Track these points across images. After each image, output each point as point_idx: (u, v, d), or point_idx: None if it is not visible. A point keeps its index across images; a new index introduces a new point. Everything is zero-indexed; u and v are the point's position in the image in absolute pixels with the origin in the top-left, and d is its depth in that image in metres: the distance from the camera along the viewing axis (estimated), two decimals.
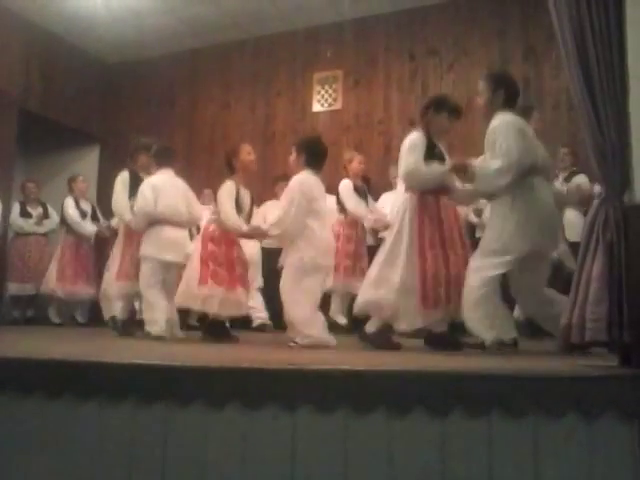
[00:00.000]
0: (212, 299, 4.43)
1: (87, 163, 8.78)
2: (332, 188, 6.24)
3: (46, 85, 8.17)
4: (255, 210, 4.99)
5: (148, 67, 8.78)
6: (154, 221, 4.87)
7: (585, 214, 4.28)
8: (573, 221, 5.49)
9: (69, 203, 7.23)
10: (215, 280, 4.41)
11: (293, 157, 4.23)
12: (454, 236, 3.75)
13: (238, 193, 4.58)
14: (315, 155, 4.18)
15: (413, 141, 3.80)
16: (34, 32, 7.91)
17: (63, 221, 7.27)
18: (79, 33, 8.18)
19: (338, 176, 6.07)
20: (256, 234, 4.52)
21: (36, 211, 7.63)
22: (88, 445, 2.31)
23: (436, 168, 3.72)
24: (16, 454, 2.39)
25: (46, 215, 7.70)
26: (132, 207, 5.14)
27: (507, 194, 3.45)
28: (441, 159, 3.81)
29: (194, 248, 4.76)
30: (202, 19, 7.81)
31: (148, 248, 4.84)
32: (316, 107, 7.93)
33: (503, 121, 3.48)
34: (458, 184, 3.87)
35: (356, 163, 6.08)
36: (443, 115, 3.86)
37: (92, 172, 8.58)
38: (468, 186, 3.82)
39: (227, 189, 4.55)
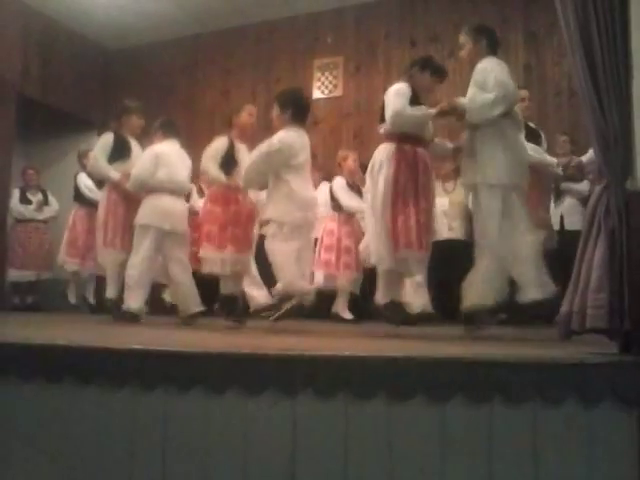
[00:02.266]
0: (205, 260, 4.57)
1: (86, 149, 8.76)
2: (330, 178, 6.26)
3: (45, 71, 8.13)
4: None
5: (148, 53, 8.74)
6: (152, 189, 4.84)
7: (585, 203, 4.34)
8: (572, 210, 5.50)
9: (83, 177, 7.07)
10: (207, 241, 4.54)
11: (276, 112, 4.30)
12: (426, 184, 3.85)
13: (233, 148, 4.62)
14: (302, 109, 4.32)
15: (399, 88, 3.91)
16: (33, 17, 7.85)
17: (77, 197, 7.13)
18: (78, 19, 8.13)
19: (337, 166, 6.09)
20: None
21: (36, 197, 7.64)
22: (88, 430, 2.31)
23: (423, 109, 3.83)
24: (16, 439, 2.40)
25: (46, 202, 7.70)
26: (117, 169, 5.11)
27: (493, 129, 3.62)
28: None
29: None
30: (202, 5, 7.77)
31: (145, 216, 4.81)
32: (316, 94, 7.89)
33: (492, 62, 3.69)
34: (436, 139, 4.06)
35: (350, 161, 6.11)
36: (426, 74, 3.98)
37: None
38: (444, 141, 4.08)
39: (216, 143, 4.68)
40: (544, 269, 3.57)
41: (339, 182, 5.94)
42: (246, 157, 4.62)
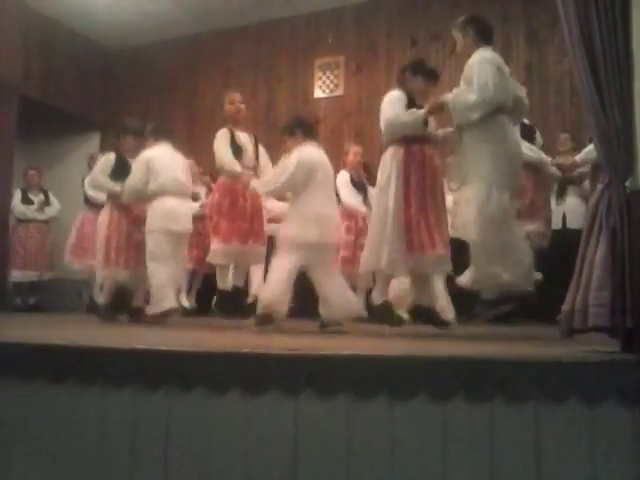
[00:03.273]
0: (232, 254, 4.58)
1: (88, 149, 8.75)
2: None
3: (46, 71, 8.14)
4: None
5: (149, 53, 8.74)
6: (151, 195, 4.91)
7: (586, 201, 4.34)
8: (574, 208, 5.50)
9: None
10: (215, 233, 4.56)
11: (290, 143, 4.31)
12: (433, 184, 3.83)
13: (233, 137, 4.66)
14: (308, 126, 4.36)
15: (393, 96, 3.93)
16: (34, 18, 7.85)
17: (87, 200, 7.14)
18: (79, 18, 8.13)
19: (339, 162, 6.06)
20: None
21: (37, 198, 7.65)
22: (91, 430, 2.31)
23: (414, 112, 3.81)
24: (18, 439, 2.40)
25: (47, 202, 7.71)
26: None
27: (480, 128, 3.54)
28: None
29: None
30: (203, 4, 7.78)
31: (153, 222, 4.88)
32: (317, 93, 7.90)
33: (482, 57, 3.58)
34: (439, 130, 4.00)
35: (351, 155, 6.11)
36: (419, 78, 3.97)
37: None
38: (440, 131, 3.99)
39: (219, 136, 4.69)
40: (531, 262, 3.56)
41: (342, 176, 5.94)
42: (249, 144, 4.76)
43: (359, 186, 6.03)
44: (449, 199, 5.63)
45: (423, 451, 2.07)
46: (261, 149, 4.95)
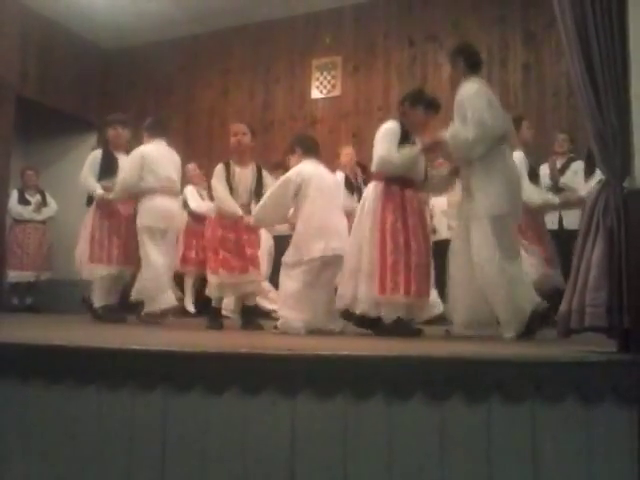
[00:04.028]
0: (225, 286, 4.47)
1: (85, 150, 8.72)
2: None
3: (43, 71, 8.13)
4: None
5: (146, 53, 8.74)
6: (143, 192, 4.91)
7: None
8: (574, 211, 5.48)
9: None
10: (226, 268, 4.41)
11: (292, 161, 4.32)
12: (417, 226, 3.77)
13: (229, 173, 4.54)
14: (307, 143, 4.31)
15: (387, 129, 3.88)
16: (31, 18, 7.85)
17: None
18: (77, 19, 8.13)
19: (336, 162, 6.08)
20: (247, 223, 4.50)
21: (34, 198, 7.64)
22: (88, 430, 2.31)
23: (407, 150, 3.77)
24: (16, 439, 2.40)
25: (44, 202, 7.70)
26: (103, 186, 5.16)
27: (484, 161, 3.52)
28: None
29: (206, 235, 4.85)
30: (201, 5, 7.77)
31: (144, 219, 4.88)
32: (315, 94, 7.90)
33: (471, 90, 3.55)
34: (433, 171, 4.02)
35: (343, 157, 6.21)
36: (419, 109, 3.91)
37: None
38: (440, 170, 3.98)
39: (216, 174, 4.58)
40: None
41: (338, 176, 5.96)
42: (246, 180, 4.60)
43: (352, 187, 6.05)
44: (444, 201, 5.65)
45: (420, 451, 2.07)
46: (267, 179, 4.77)
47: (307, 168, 4.11)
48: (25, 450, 2.38)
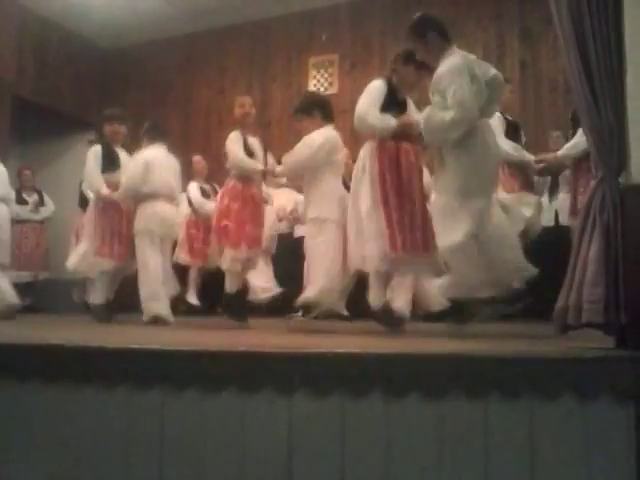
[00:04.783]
0: (238, 262, 4.52)
1: (82, 149, 8.71)
2: None
3: (40, 71, 8.12)
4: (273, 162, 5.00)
5: (143, 52, 8.73)
6: (145, 196, 4.91)
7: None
8: (567, 205, 5.48)
9: None
10: (247, 243, 4.47)
11: (306, 123, 4.31)
12: (413, 183, 3.70)
13: (246, 142, 4.62)
14: (327, 108, 4.37)
15: (372, 87, 3.87)
16: (27, 17, 7.84)
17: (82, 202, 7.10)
18: (73, 18, 8.12)
19: None
20: (269, 174, 4.65)
21: (32, 198, 7.63)
22: (85, 429, 2.31)
23: (386, 120, 3.70)
24: (14, 439, 2.40)
25: (42, 202, 7.69)
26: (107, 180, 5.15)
27: (457, 140, 3.31)
28: (402, 112, 3.79)
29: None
30: (197, 3, 7.77)
31: (142, 223, 4.90)
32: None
33: (451, 66, 3.30)
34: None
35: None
36: (410, 67, 3.85)
37: None
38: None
39: (232, 138, 4.62)
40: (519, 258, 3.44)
41: None
42: (258, 149, 4.73)
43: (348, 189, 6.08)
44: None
45: (417, 448, 2.07)
46: (269, 155, 4.93)
47: (337, 136, 4.22)
48: (22, 449, 2.38)
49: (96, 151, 5.29)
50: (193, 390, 2.23)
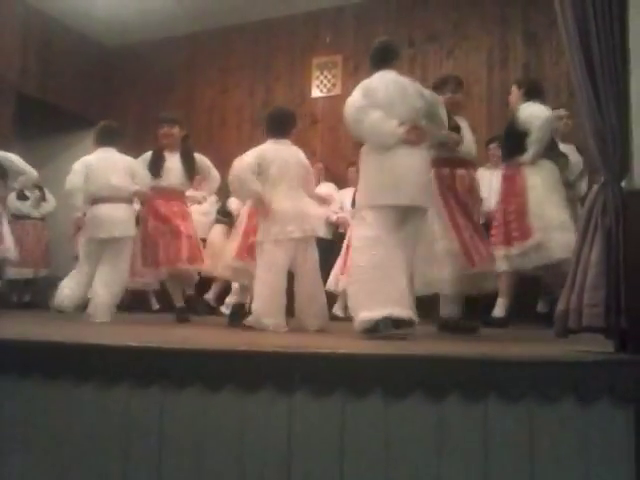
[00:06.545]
0: (244, 272, 4.44)
1: (85, 147, 8.71)
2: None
3: (44, 68, 8.12)
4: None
5: (147, 51, 8.72)
6: (88, 201, 4.91)
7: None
8: None
9: None
10: (252, 255, 4.35)
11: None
12: (468, 205, 3.86)
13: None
14: (273, 121, 4.32)
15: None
16: (32, 15, 7.84)
17: None
18: (77, 16, 8.11)
19: (336, 161, 6.07)
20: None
21: (33, 194, 7.63)
22: (84, 427, 2.31)
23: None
24: (14, 436, 2.40)
25: (43, 198, 7.70)
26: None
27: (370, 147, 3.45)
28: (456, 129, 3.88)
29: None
30: (201, 3, 7.76)
31: (85, 231, 5.01)
32: (315, 92, 7.89)
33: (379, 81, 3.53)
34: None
35: (350, 173, 6.27)
36: (447, 94, 3.96)
37: None
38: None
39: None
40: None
41: (347, 193, 6.08)
42: None
43: None
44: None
45: (417, 449, 2.07)
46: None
47: (267, 150, 4.15)
48: (22, 445, 2.38)
49: (145, 157, 5.21)
50: (193, 388, 2.23)
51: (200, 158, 5.27)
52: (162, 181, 5.03)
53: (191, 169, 5.17)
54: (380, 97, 3.41)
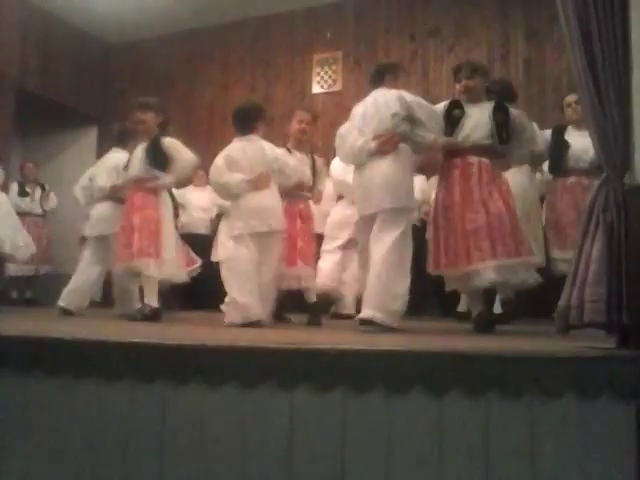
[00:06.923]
0: (301, 278, 4.43)
1: (85, 144, 8.74)
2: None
3: (44, 65, 8.12)
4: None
5: (147, 47, 8.72)
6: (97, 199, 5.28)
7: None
8: None
9: None
10: (305, 260, 4.42)
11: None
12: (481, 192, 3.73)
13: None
14: (237, 118, 4.39)
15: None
16: (32, 11, 7.84)
17: None
18: (77, 13, 8.11)
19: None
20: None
21: (34, 191, 7.63)
22: (86, 423, 2.31)
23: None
24: (15, 431, 2.40)
25: (44, 195, 7.70)
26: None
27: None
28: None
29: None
30: None
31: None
32: (316, 89, 7.89)
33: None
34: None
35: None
36: (462, 81, 3.92)
37: (90, 153, 8.54)
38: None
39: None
40: None
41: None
42: (303, 166, 4.65)
43: None
44: None
45: (418, 445, 2.07)
46: (321, 168, 4.87)
47: (235, 149, 4.19)
48: (23, 442, 2.38)
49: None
50: (194, 385, 2.23)
51: (169, 142, 4.78)
52: (129, 173, 4.88)
53: (156, 156, 4.70)
54: (357, 116, 3.76)
